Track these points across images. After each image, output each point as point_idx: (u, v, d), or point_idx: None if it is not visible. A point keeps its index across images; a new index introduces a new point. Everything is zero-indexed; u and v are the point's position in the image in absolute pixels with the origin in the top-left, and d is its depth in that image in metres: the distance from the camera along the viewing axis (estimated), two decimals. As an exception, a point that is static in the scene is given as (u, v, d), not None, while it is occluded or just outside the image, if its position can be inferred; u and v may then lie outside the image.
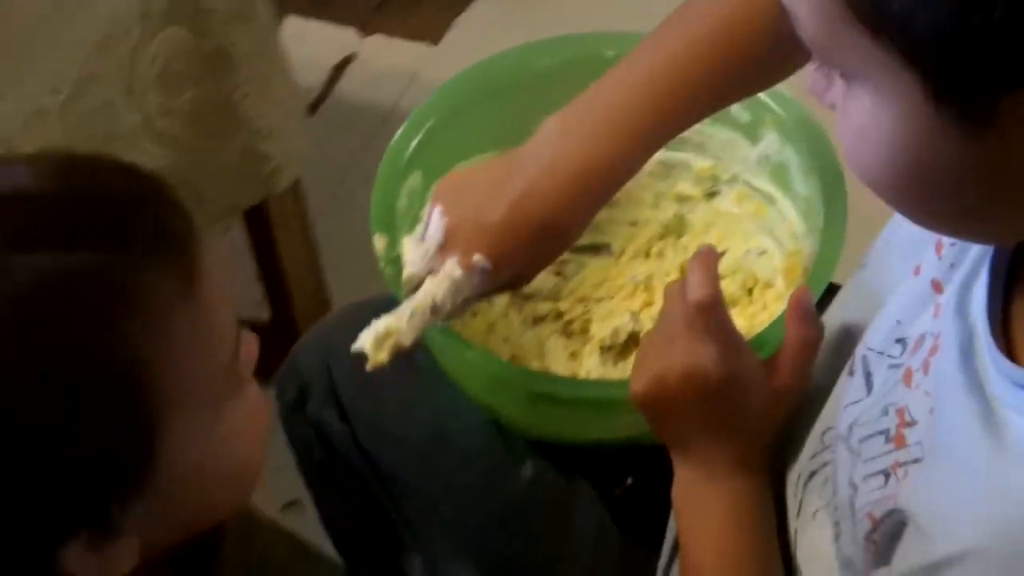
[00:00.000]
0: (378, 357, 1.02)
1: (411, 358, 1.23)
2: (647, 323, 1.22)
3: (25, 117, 1.36)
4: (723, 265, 1.23)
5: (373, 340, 1.02)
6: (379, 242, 1.12)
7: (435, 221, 1.05)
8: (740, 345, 0.99)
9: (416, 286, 1.05)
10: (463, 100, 1.24)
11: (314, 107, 2.31)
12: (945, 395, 0.80)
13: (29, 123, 1.37)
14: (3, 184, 0.71)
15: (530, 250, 1.05)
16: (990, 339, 0.77)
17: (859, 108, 0.73)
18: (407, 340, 1.03)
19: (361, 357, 1.10)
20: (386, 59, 2.32)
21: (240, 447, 0.80)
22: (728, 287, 1.25)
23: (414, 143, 1.20)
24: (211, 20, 1.54)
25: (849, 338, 0.99)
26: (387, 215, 1.15)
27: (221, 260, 0.77)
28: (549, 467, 1.20)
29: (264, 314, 1.93)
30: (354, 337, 1.17)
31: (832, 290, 1.09)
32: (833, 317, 1.04)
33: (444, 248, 1.04)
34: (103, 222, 0.71)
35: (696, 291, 0.98)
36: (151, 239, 0.72)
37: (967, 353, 0.79)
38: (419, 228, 1.08)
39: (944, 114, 0.69)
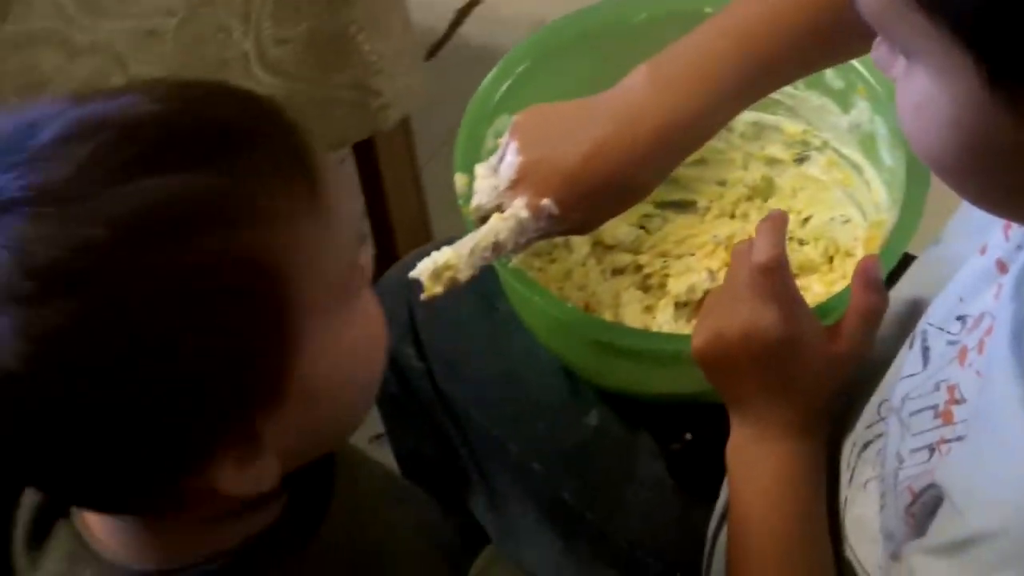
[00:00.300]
0: (433, 289, 1.03)
1: (491, 301, 1.25)
2: (724, 282, 1.22)
3: (138, 37, 1.39)
4: (806, 231, 1.24)
5: (431, 272, 1.03)
6: (459, 180, 1.14)
7: (510, 157, 1.05)
8: (801, 309, 0.99)
9: (483, 217, 1.06)
10: (557, 46, 1.24)
11: (434, 50, 2.33)
12: (994, 377, 0.79)
13: (141, 43, 1.40)
14: (127, 111, 0.72)
15: (600, 200, 1.05)
16: None
17: (916, 85, 0.73)
18: (464, 275, 1.04)
19: (443, 302, 1.13)
20: (512, 5, 2.32)
21: (367, 351, 0.82)
22: (809, 253, 1.25)
23: (505, 86, 1.21)
24: (328, -49, 1.56)
25: (915, 312, 0.99)
26: (471, 155, 1.16)
27: (337, 172, 0.79)
28: (614, 417, 1.22)
29: (369, 249, 1.96)
30: None
31: (909, 263, 1.08)
32: (902, 290, 1.04)
33: (515, 186, 1.04)
34: (227, 142, 0.73)
35: (761, 253, 0.98)
36: (274, 155, 0.74)
37: (1019, 337, 0.78)
38: (493, 158, 1.08)
39: (998, 98, 0.69)
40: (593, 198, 1.04)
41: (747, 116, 1.29)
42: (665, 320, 1.22)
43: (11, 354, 0.68)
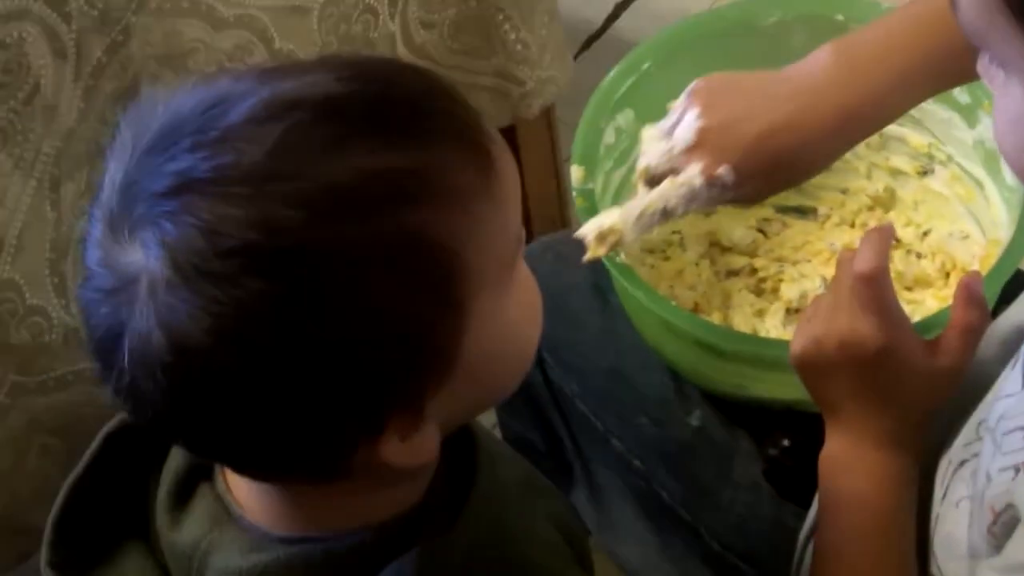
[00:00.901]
0: (597, 250, 1.04)
1: (605, 295, 1.26)
2: (836, 291, 1.21)
3: (284, 13, 1.41)
4: (925, 245, 1.23)
5: (596, 233, 1.04)
6: (575, 172, 1.15)
7: (689, 121, 1.05)
8: (901, 320, 0.98)
9: (652, 179, 1.06)
10: (684, 45, 1.25)
11: (589, 41, 2.34)
12: None
13: (287, 19, 1.41)
14: (317, 91, 0.74)
15: (776, 174, 1.06)
16: None
17: (1012, 98, 0.73)
18: (629, 239, 1.05)
19: (558, 294, 1.15)
20: (671, 2, 2.32)
21: (526, 320, 0.83)
22: (926, 267, 1.23)
23: (629, 81, 1.22)
24: (480, -59, 1.57)
25: (1022, 334, 0.97)
26: (590, 149, 1.18)
27: (506, 150, 0.80)
28: (716, 419, 1.22)
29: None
30: (552, 271, 1.21)
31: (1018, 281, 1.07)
32: (1015, 310, 1.02)
33: (692, 150, 1.05)
34: (414, 122, 0.75)
35: (863, 263, 0.97)
36: (452, 134, 0.76)
37: None
38: (664, 122, 1.08)
39: None
40: (769, 171, 1.05)
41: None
42: (774, 325, 1.22)
43: (200, 330, 0.69)
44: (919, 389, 0.98)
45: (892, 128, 1.27)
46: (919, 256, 1.24)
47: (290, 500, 0.82)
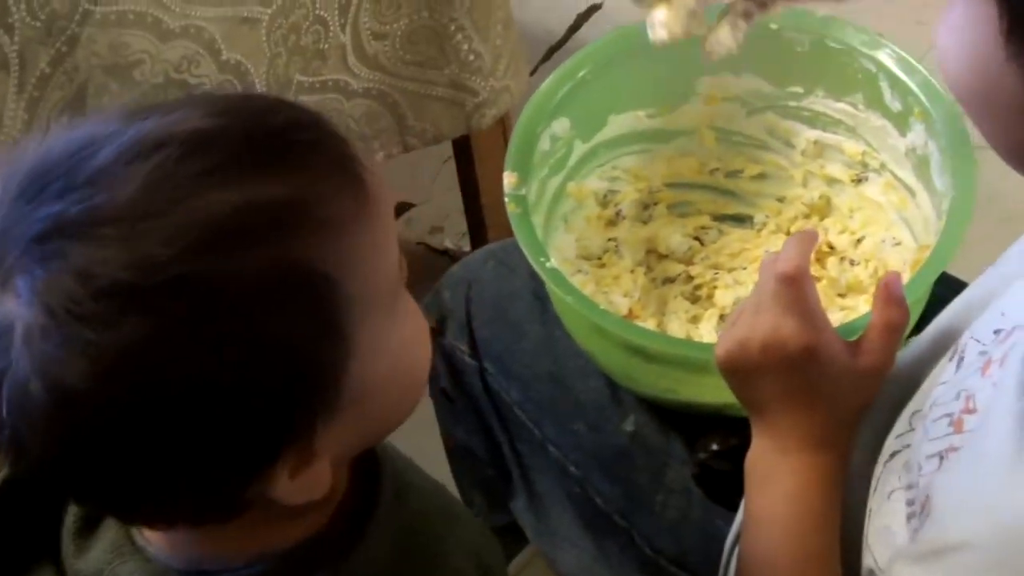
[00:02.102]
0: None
1: (545, 303, 1.27)
2: (771, 297, 1.22)
3: (232, 24, 1.41)
4: (859, 251, 1.24)
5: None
6: (508, 178, 1.16)
7: None
8: (822, 321, 0.99)
9: None
10: (620, 54, 1.25)
11: (551, 52, 2.35)
12: (1002, 390, 0.79)
13: (235, 30, 1.42)
14: (185, 126, 0.73)
15: None
16: None
17: (953, 16, 0.74)
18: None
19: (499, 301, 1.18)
20: (632, 11, 2.34)
21: (413, 347, 0.84)
22: (859, 274, 1.24)
23: (565, 89, 1.23)
24: (433, -50, 1.58)
25: (961, 329, 0.98)
26: (525, 155, 1.19)
27: (382, 178, 0.80)
28: (650, 424, 1.22)
29: (466, 246, 1.98)
30: (494, 278, 1.23)
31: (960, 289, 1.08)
32: (952, 309, 1.03)
33: None
34: (281, 152, 0.75)
35: (785, 263, 0.98)
36: (325, 163, 0.76)
37: None
38: None
39: (1010, 56, 0.70)
40: None
41: (810, 134, 1.29)
42: (708, 331, 1.23)
43: (78, 375, 0.69)
44: (843, 389, 0.99)
45: (828, 136, 1.28)
46: (853, 263, 1.25)
47: (192, 533, 0.81)
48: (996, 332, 0.89)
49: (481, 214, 1.90)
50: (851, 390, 0.99)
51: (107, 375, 0.69)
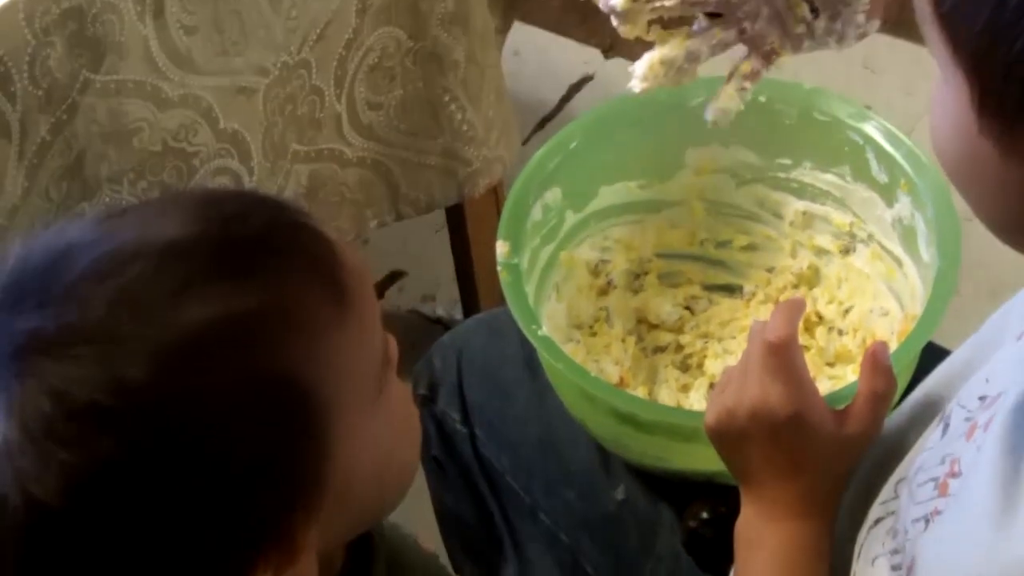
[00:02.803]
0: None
1: (535, 370, 1.28)
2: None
3: (229, 93, 1.43)
4: (846, 322, 1.25)
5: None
6: (500, 247, 1.17)
7: None
8: (810, 389, 1.00)
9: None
10: (611, 125, 1.27)
11: (544, 122, 2.37)
12: (985, 452, 0.81)
13: (232, 100, 1.43)
14: (159, 237, 0.75)
15: None
16: None
17: (936, 88, 0.75)
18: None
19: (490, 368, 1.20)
20: (623, 82, 2.36)
21: (399, 437, 0.84)
22: (847, 343, 1.26)
23: (557, 159, 1.25)
24: (427, 23, 1.59)
25: (946, 396, 1.00)
26: (517, 224, 1.20)
27: (365, 273, 0.82)
28: (640, 492, 1.23)
29: (458, 315, 1.99)
30: (485, 345, 1.26)
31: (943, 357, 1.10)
32: (937, 376, 1.05)
33: None
34: (256, 263, 0.76)
35: (773, 332, 1.00)
36: (301, 269, 0.77)
37: (1017, 412, 0.79)
38: None
39: (984, 128, 0.71)
40: None
41: (798, 205, 1.31)
42: (698, 400, 1.24)
43: (52, 492, 0.70)
44: (829, 456, 1.00)
45: (816, 207, 1.30)
46: (841, 333, 1.27)
47: None
48: (981, 398, 0.91)
49: (473, 282, 1.92)
50: (837, 457, 1.00)
51: (80, 494, 0.70)
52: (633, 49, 2.51)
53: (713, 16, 1.04)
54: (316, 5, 1.48)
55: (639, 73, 1.04)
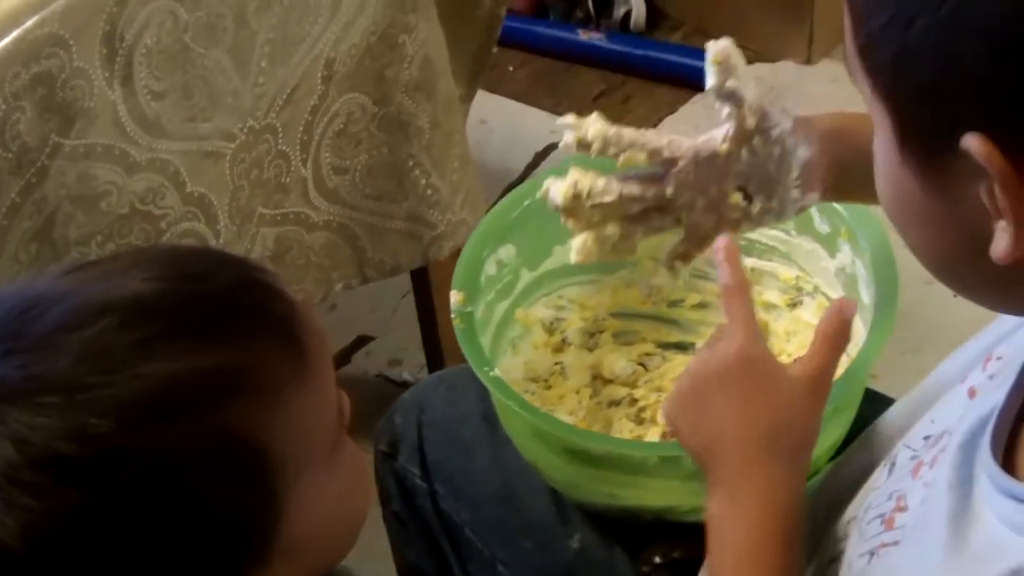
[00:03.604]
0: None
1: (494, 424, 1.31)
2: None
3: (196, 158, 1.46)
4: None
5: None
6: (455, 296, 1.21)
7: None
8: (757, 332, 1.00)
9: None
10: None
11: (509, 188, 2.41)
12: (937, 486, 0.84)
13: (199, 164, 1.47)
14: (125, 293, 0.77)
15: None
16: (988, 439, 0.80)
17: (880, 140, 0.77)
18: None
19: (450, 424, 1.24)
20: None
21: (351, 494, 0.87)
22: (798, 391, 1.28)
23: (512, 216, 1.29)
24: (392, 90, 1.63)
25: (894, 439, 1.02)
26: (471, 277, 1.24)
27: (323, 335, 0.84)
28: (596, 539, 1.26)
29: (424, 378, 2.01)
30: (445, 402, 1.30)
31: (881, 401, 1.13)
32: (886, 420, 1.09)
33: None
34: (220, 319, 0.78)
35: (725, 277, 1.01)
36: (264, 330, 0.80)
37: (967, 449, 0.82)
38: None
39: (906, 158, 0.73)
40: None
41: (746, 262, 1.34)
42: (651, 450, 1.27)
43: (12, 535, 0.72)
44: (784, 398, 0.98)
45: (763, 264, 1.34)
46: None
47: None
48: (926, 438, 0.94)
49: (439, 346, 1.94)
50: (791, 403, 0.98)
51: (40, 538, 0.73)
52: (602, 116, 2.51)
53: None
54: (283, 71, 1.51)
55: (575, 247, 1.11)
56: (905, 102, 0.71)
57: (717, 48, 1.08)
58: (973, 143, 0.67)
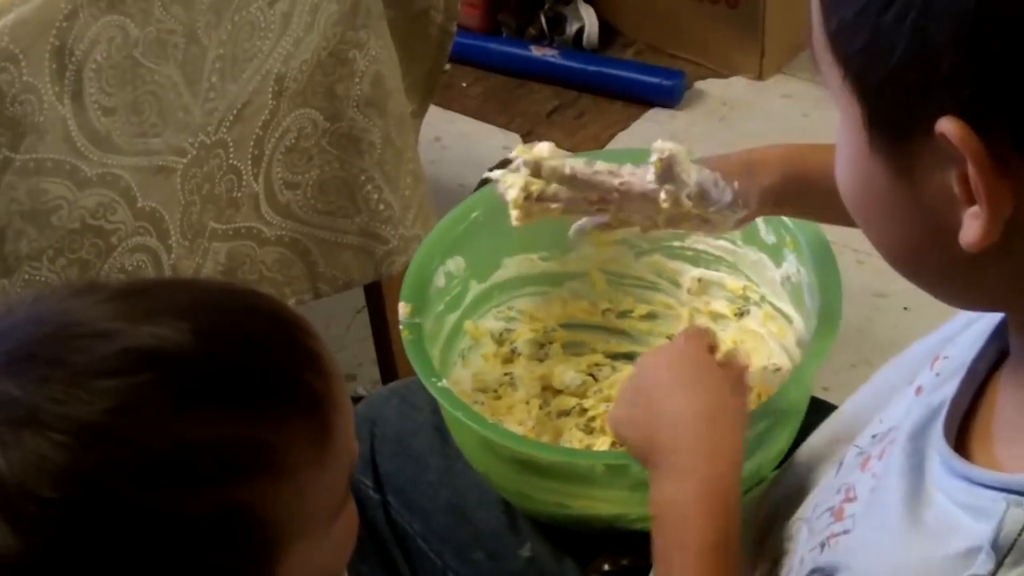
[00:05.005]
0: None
1: (445, 436, 1.32)
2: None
3: (147, 173, 1.46)
4: (744, 380, 1.29)
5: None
6: (403, 308, 1.22)
7: None
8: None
9: None
10: (511, 198, 1.31)
11: (461, 203, 2.43)
12: (888, 474, 0.85)
13: (150, 179, 1.46)
14: (167, 344, 0.76)
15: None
16: (941, 425, 0.82)
17: (842, 126, 0.77)
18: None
19: (402, 436, 1.26)
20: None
21: (344, 547, 0.88)
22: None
23: (460, 228, 1.30)
24: (344, 106, 1.64)
25: (842, 442, 1.04)
26: (419, 289, 1.25)
27: (345, 397, 0.84)
28: (546, 549, 1.27)
29: (378, 391, 2.02)
30: (397, 415, 1.31)
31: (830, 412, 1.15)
32: (833, 424, 1.10)
33: None
34: (258, 394, 0.78)
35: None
36: (297, 408, 0.79)
37: (917, 439, 0.84)
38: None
39: (874, 145, 0.73)
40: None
41: (694, 272, 1.36)
42: (601, 457, 1.28)
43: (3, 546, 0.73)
44: (718, 379, 1.07)
45: (711, 274, 1.35)
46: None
47: None
48: (874, 436, 0.96)
49: (393, 361, 1.95)
50: (724, 380, 1.07)
51: (31, 562, 0.73)
52: (554, 133, 2.57)
53: None
54: (233, 87, 1.52)
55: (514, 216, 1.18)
56: (876, 89, 0.71)
57: (660, 149, 1.14)
58: (948, 127, 0.68)
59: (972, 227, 0.70)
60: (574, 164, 1.14)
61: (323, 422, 0.80)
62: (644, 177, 1.13)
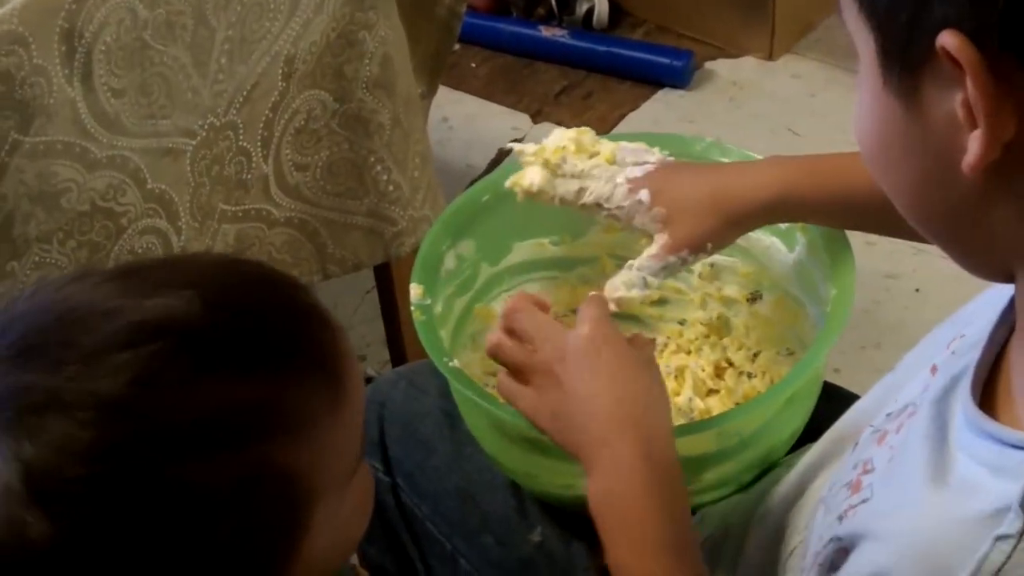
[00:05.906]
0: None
1: (454, 420, 1.31)
2: (670, 410, 1.27)
3: (156, 155, 1.46)
4: (756, 365, 1.30)
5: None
6: (414, 290, 1.21)
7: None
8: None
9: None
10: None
11: (471, 184, 2.42)
12: (907, 444, 0.86)
13: (159, 161, 1.47)
14: (179, 314, 0.77)
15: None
16: (968, 385, 0.82)
17: (863, 87, 0.78)
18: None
19: (410, 420, 1.26)
20: (550, 148, 2.42)
21: (361, 513, 0.90)
22: (757, 385, 1.30)
23: (469, 211, 1.30)
24: (353, 87, 1.64)
25: (858, 431, 1.04)
26: (430, 271, 1.25)
27: (353, 354, 0.85)
28: (556, 534, 1.27)
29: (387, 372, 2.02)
30: (405, 399, 1.31)
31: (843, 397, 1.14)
32: (850, 415, 1.10)
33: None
34: (268, 355, 0.79)
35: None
36: (311, 365, 0.80)
37: (940, 402, 0.84)
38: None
39: (889, 82, 0.74)
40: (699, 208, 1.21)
41: (707, 258, 1.35)
42: (608, 440, 1.27)
43: (37, 536, 0.73)
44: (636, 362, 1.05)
45: (722, 259, 1.34)
46: (750, 376, 1.31)
47: None
48: (888, 414, 0.96)
49: (402, 343, 1.95)
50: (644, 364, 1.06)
51: (65, 545, 0.73)
52: (563, 112, 2.57)
53: None
54: (242, 69, 1.52)
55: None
56: (885, 13, 0.72)
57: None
58: (947, 39, 0.68)
59: (973, 148, 0.71)
60: (564, 195, 1.21)
61: (337, 378, 0.81)
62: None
